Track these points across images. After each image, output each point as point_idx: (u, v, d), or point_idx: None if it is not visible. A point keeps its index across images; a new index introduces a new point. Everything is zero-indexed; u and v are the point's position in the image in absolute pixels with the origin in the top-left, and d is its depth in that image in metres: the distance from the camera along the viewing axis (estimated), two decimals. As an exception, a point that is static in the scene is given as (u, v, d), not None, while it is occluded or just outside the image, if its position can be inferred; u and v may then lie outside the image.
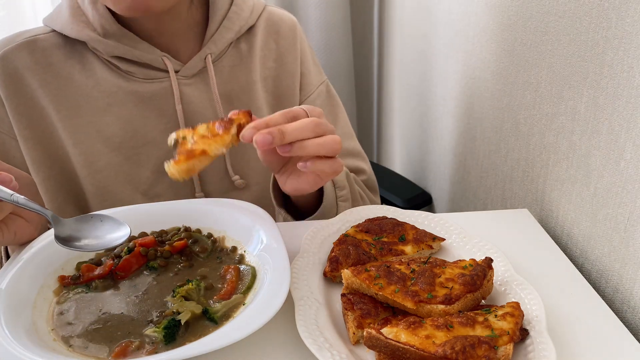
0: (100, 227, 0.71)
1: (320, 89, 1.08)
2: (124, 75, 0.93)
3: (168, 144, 0.71)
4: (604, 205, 0.75)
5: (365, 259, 0.72)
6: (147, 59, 0.92)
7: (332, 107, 1.09)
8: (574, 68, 0.80)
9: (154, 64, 0.93)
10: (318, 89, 1.08)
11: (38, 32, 0.94)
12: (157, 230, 0.80)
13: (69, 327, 0.64)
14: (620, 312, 0.72)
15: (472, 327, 0.58)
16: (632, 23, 0.67)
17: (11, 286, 0.66)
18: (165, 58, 0.93)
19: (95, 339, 0.63)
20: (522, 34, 0.94)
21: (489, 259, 0.68)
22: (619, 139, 0.71)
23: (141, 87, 0.93)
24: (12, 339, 0.58)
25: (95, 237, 0.70)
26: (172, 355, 0.57)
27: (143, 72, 0.93)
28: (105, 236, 0.70)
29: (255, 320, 0.58)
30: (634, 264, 0.70)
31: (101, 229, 0.71)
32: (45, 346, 0.60)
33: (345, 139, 1.07)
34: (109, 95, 0.93)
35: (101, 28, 0.90)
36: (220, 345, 0.56)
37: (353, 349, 0.61)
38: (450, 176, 1.39)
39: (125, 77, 0.93)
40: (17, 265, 0.70)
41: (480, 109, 1.16)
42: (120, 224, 0.71)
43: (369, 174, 1.09)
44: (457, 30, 1.24)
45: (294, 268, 0.71)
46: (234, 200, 0.82)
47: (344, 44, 2.01)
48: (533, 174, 0.95)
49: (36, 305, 0.67)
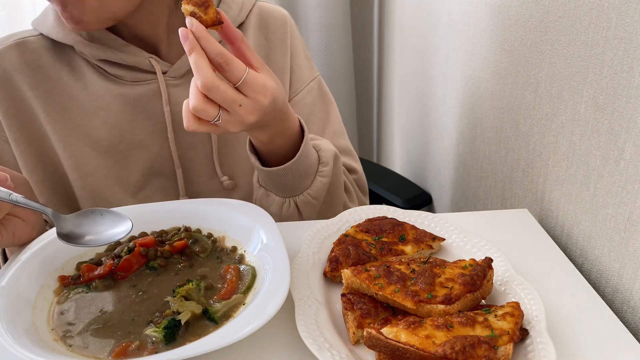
0: (101, 221, 0.71)
1: (312, 85, 1.07)
2: (112, 79, 0.93)
3: None
4: (604, 205, 0.75)
5: (365, 259, 0.72)
6: (134, 62, 0.91)
7: (323, 103, 1.08)
8: (574, 68, 0.80)
9: (141, 66, 0.92)
10: (309, 85, 1.06)
11: (27, 35, 0.93)
12: (157, 230, 0.80)
13: (69, 327, 0.64)
14: (620, 312, 0.72)
15: (472, 327, 0.58)
16: (632, 23, 0.67)
17: (11, 286, 0.66)
18: (152, 59, 0.92)
19: (95, 338, 0.63)
20: (522, 34, 0.94)
21: (488, 259, 0.68)
22: (619, 139, 0.71)
23: (129, 90, 0.93)
24: (12, 339, 0.58)
25: (97, 232, 0.70)
26: (172, 355, 0.57)
27: (131, 75, 0.92)
28: (107, 231, 0.70)
29: (255, 320, 0.58)
30: (634, 264, 0.70)
31: (102, 224, 0.71)
32: (45, 346, 0.60)
33: (337, 136, 1.06)
34: (97, 99, 0.92)
35: (86, 33, 0.90)
36: (220, 345, 0.56)
37: (353, 349, 0.61)
38: (450, 176, 1.39)
39: (114, 80, 0.93)
40: (17, 266, 0.70)
41: (480, 109, 1.16)
42: (121, 218, 0.71)
43: (359, 174, 1.08)
44: (457, 30, 1.25)
45: (294, 268, 0.71)
46: (233, 200, 0.82)
47: (344, 44, 2.01)
48: (533, 174, 0.95)
49: (36, 305, 0.67)
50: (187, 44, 0.68)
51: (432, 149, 1.52)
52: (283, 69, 1.03)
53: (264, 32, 1.02)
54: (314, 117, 1.05)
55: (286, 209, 0.90)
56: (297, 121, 0.85)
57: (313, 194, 0.89)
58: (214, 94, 0.68)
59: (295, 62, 1.05)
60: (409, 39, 1.65)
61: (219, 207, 0.81)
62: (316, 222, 0.82)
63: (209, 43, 0.68)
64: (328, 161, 0.90)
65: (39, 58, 0.92)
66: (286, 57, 1.03)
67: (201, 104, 0.69)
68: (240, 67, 0.70)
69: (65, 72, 0.92)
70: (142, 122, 0.94)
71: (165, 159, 0.96)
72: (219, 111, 0.70)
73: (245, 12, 1.00)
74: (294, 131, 0.84)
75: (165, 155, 0.96)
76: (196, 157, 0.98)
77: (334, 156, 0.92)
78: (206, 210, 0.81)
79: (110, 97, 0.92)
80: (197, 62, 0.68)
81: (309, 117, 1.04)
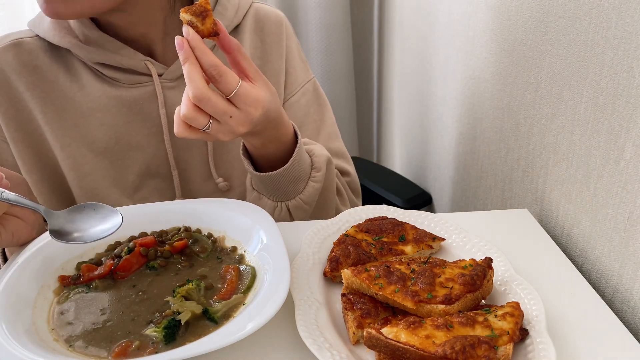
0: (93, 216, 0.71)
1: (306, 87, 1.07)
2: (109, 81, 0.93)
3: None
4: (604, 205, 0.75)
5: (365, 259, 0.72)
6: (130, 64, 0.91)
7: (318, 106, 1.08)
8: (574, 68, 0.80)
9: (137, 68, 0.92)
10: (304, 87, 1.06)
11: (24, 35, 0.93)
12: (157, 230, 0.80)
13: (69, 327, 0.64)
14: (620, 312, 0.72)
15: (472, 327, 0.58)
16: (632, 23, 0.67)
17: (11, 286, 0.66)
18: (147, 62, 0.92)
19: (96, 339, 0.63)
20: (522, 34, 0.94)
21: (488, 259, 0.68)
22: (619, 139, 0.71)
23: (125, 93, 0.93)
24: (12, 339, 0.58)
25: (86, 229, 0.70)
26: (172, 355, 0.57)
27: (127, 77, 0.93)
28: (96, 227, 0.70)
29: (255, 320, 0.58)
30: (634, 264, 0.70)
31: (94, 219, 0.71)
32: (45, 346, 0.60)
33: (331, 139, 1.06)
34: (93, 100, 0.92)
35: (82, 35, 0.90)
36: (220, 345, 0.56)
37: (353, 349, 0.61)
38: (450, 176, 1.39)
39: (110, 82, 0.93)
40: (17, 266, 0.70)
41: (480, 109, 1.16)
42: (112, 212, 0.71)
43: (352, 176, 1.08)
44: (457, 31, 1.25)
45: (294, 268, 0.71)
46: (233, 200, 0.82)
47: (344, 45, 2.01)
48: (533, 174, 0.95)
49: (36, 305, 0.67)
50: (181, 53, 0.68)
51: (432, 149, 1.52)
52: (278, 71, 1.03)
53: (259, 35, 1.02)
54: (308, 119, 1.05)
55: (278, 213, 0.90)
56: (291, 127, 0.85)
57: (305, 199, 0.90)
58: (204, 105, 0.69)
59: (291, 64, 1.05)
60: (409, 39, 1.65)
61: (219, 207, 0.81)
62: (316, 222, 0.82)
63: (203, 54, 0.68)
64: (321, 167, 0.91)
65: (35, 59, 0.92)
66: (282, 60, 1.03)
67: (192, 112, 0.69)
68: (233, 79, 0.70)
69: (61, 73, 0.92)
70: (138, 124, 0.94)
71: (161, 161, 0.97)
72: (209, 120, 0.71)
73: (242, 14, 1.00)
74: (288, 138, 0.84)
75: (161, 157, 0.96)
76: (192, 158, 0.98)
77: (326, 161, 0.92)
78: (206, 210, 0.81)
79: (106, 99, 0.92)
80: (190, 72, 0.68)
81: (303, 120, 1.04)
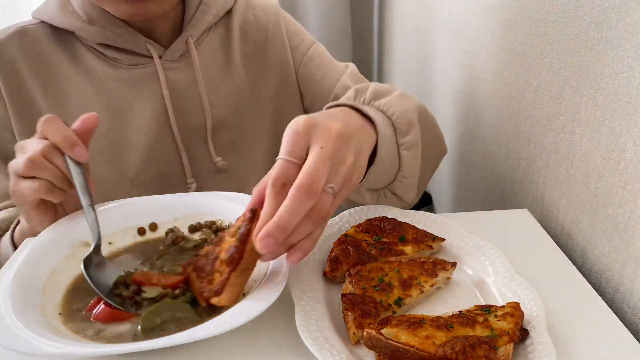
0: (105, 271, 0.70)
1: (316, 45, 1.12)
2: (111, 62, 0.95)
3: None
4: (604, 205, 0.75)
5: (365, 259, 0.72)
6: (131, 45, 0.94)
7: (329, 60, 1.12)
8: (574, 68, 0.80)
9: (138, 50, 0.95)
10: (313, 45, 1.11)
11: (27, 23, 0.96)
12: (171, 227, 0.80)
13: (79, 314, 0.64)
14: (620, 312, 0.72)
15: (472, 327, 0.58)
16: (632, 23, 0.67)
17: (22, 272, 0.67)
18: (148, 44, 0.95)
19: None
20: (522, 34, 0.94)
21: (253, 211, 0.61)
22: (619, 139, 0.71)
23: (127, 74, 0.96)
24: (20, 323, 0.58)
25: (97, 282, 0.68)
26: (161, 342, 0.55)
27: (128, 58, 0.95)
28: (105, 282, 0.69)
29: (250, 311, 0.58)
30: (634, 264, 0.70)
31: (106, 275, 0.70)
32: (55, 331, 0.60)
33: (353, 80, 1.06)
34: (97, 83, 0.95)
35: (85, 15, 0.92)
36: (220, 330, 0.56)
37: (353, 349, 0.61)
38: (450, 176, 1.39)
39: (112, 64, 0.95)
40: (27, 251, 0.70)
41: (480, 109, 1.16)
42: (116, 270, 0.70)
43: None
44: (457, 30, 1.25)
45: (294, 268, 0.71)
46: (232, 193, 0.82)
47: (344, 44, 2.01)
48: (533, 174, 0.95)
49: (46, 290, 0.67)
50: None
51: (432, 149, 1.52)
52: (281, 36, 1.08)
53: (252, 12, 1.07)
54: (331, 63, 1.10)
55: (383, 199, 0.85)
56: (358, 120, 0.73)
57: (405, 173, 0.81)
58: None
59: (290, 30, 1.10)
60: (409, 38, 1.65)
61: (219, 200, 0.82)
62: (316, 222, 0.81)
63: None
64: (409, 124, 0.78)
65: (39, 45, 0.95)
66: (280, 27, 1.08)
67: None
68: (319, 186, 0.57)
69: (65, 58, 0.95)
70: (140, 105, 0.96)
71: (164, 144, 0.98)
72: None
73: None
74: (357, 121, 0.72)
75: (164, 140, 0.98)
76: (190, 140, 1.01)
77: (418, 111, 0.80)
78: (204, 203, 0.82)
79: (109, 81, 0.95)
80: None
81: (329, 64, 1.09)
